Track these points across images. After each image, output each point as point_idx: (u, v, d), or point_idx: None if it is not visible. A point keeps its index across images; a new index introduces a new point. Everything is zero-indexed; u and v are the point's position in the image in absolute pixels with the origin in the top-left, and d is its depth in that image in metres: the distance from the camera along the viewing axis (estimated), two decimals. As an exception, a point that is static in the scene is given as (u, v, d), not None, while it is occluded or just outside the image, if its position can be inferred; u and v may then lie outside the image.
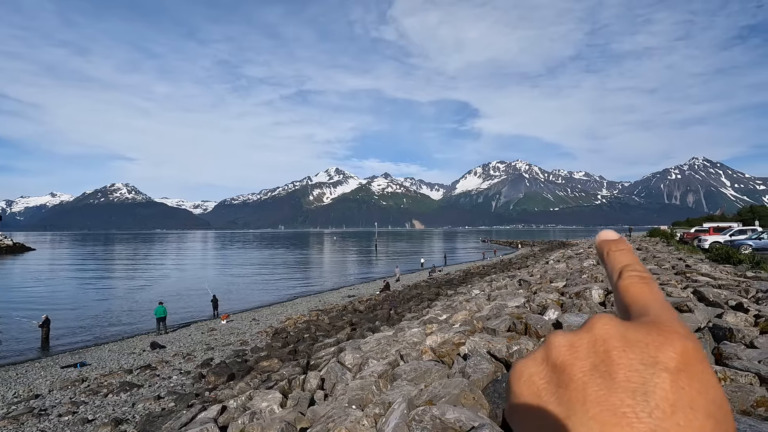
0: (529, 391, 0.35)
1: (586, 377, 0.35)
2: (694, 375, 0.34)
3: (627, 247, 0.35)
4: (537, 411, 0.35)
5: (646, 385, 0.34)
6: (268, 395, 6.56)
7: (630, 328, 0.34)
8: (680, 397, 0.34)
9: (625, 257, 0.34)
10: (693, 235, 31.76)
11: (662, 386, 0.34)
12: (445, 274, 36.36)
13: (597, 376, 0.34)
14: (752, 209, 68.25)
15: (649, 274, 0.35)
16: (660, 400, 0.34)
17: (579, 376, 0.35)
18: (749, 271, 11.64)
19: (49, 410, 10.27)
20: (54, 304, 26.18)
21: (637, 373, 0.34)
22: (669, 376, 0.34)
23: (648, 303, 0.34)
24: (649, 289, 0.34)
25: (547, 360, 0.35)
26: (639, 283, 0.34)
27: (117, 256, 79.80)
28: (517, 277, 16.79)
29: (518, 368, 0.35)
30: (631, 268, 0.34)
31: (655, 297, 0.35)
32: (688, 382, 0.34)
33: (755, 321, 5.38)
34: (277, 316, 21.85)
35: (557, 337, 0.35)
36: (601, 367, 0.34)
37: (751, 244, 20.06)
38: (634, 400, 0.34)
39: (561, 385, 0.35)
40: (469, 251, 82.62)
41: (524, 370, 0.35)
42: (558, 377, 0.35)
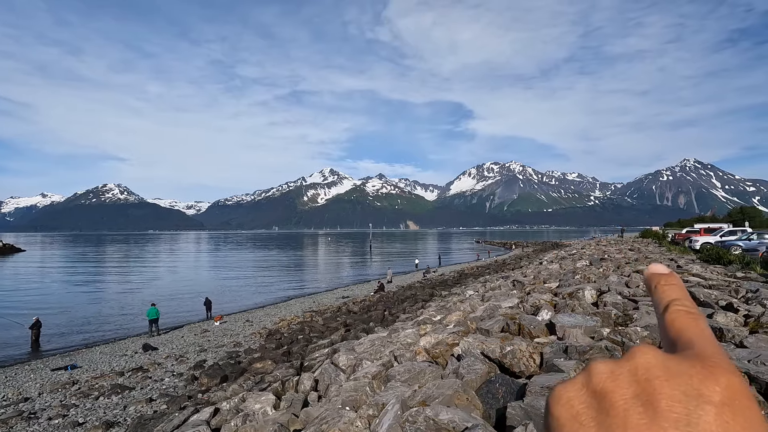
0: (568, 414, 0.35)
1: (628, 405, 0.34)
2: (739, 410, 0.34)
3: (677, 282, 0.34)
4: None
5: (689, 416, 0.34)
6: (262, 397, 6.52)
7: (672, 360, 0.34)
8: (725, 430, 0.34)
9: (674, 292, 0.34)
10: (684, 236, 32.12)
11: (706, 418, 0.34)
12: (440, 275, 36.43)
13: (638, 404, 0.34)
14: (742, 210, 69.13)
15: (697, 310, 0.35)
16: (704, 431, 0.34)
17: (620, 404, 0.34)
18: (739, 271, 11.78)
19: (38, 413, 10.14)
20: (44, 306, 25.86)
21: (681, 404, 0.34)
22: (713, 409, 0.34)
23: (693, 337, 0.34)
24: (695, 324, 0.34)
25: (588, 386, 0.35)
26: (686, 317, 0.34)
27: (108, 258, 79.02)
28: (511, 278, 16.85)
29: (558, 391, 0.35)
30: (678, 303, 0.34)
31: (701, 331, 0.34)
32: (733, 417, 0.34)
33: (745, 321, 5.44)
34: (271, 317, 21.76)
35: (598, 364, 0.35)
36: (643, 396, 0.34)
37: (741, 245, 20.30)
38: (677, 430, 0.34)
39: (601, 411, 0.35)
40: (463, 252, 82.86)
41: (564, 393, 0.35)
42: (598, 403, 0.35)
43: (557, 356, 4.54)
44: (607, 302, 7.21)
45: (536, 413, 3.14)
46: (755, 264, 13.21)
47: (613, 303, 7.11)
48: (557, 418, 0.35)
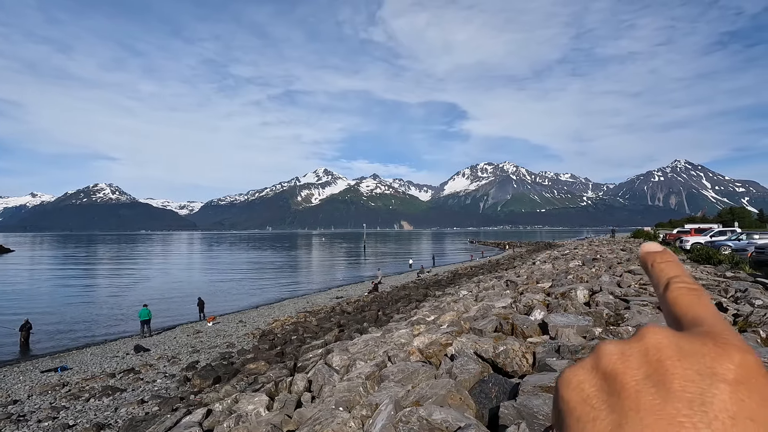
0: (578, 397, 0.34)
1: (639, 386, 0.34)
2: (755, 388, 0.33)
3: (673, 258, 0.34)
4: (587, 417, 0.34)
5: (703, 395, 0.33)
6: (255, 398, 6.49)
7: (683, 339, 0.34)
8: (741, 408, 0.33)
9: (671, 269, 0.34)
10: (675, 236, 32.48)
11: (721, 397, 0.33)
12: (434, 275, 36.51)
13: (650, 385, 0.34)
14: (732, 211, 70.07)
15: (699, 285, 0.34)
16: (719, 411, 0.33)
17: (632, 385, 0.34)
18: (728, 271, 11.93)
19: (27, 416, 10.00)
20: (34, 308, 25.52)
21: (694, 384, 0.34)
22: (728, 388, 0.33)
23: (700, 314, 0.34)
24: (699, 300, 0.34)
25: (597, 368, 0.34)
26: (688, 294, 0.34)
27: (99, 258, 78.21)
28: (505, 278, 16.93)
29: (567, 375, 0.34)
30: (678, 279, 0.34)
31: (707, 308, 0.34)
32: (748, 395, 0.33)
33: (734, 320, 5.51)
34: (265, 318, 21.66)
35: (607, 345, 0.34)
36: (655, 376, 0.34)
37: (731, 245, 20.56)
38: (691, 410, 0.34)
39: (612, 393, 0.34)
40: (457, 252, 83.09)
41: (573, 377, 0.34)
42: (609, 385, 0.34)
43: (550, 356, 4.57)
44: (599, 302, 7.26)
45: (529, 413, 3.15)
46: (744, 264, 13.40)
47: (605, 303, 7.17)
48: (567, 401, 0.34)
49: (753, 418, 0.33)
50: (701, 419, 0.34)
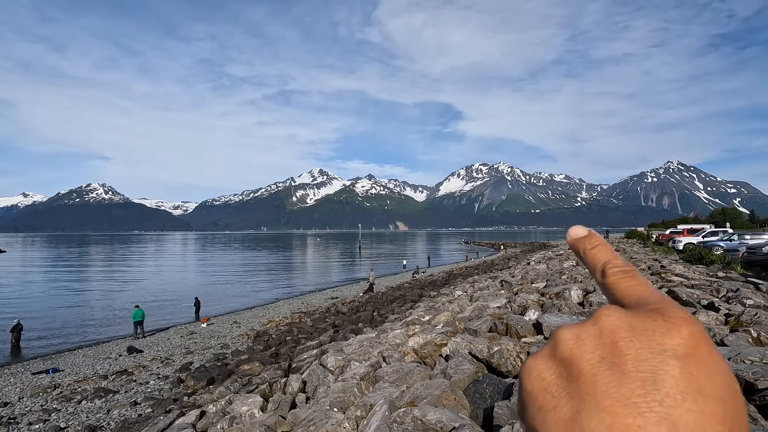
0: (539, 387, 0.34)
1: (595, 369, 0.34)
2: (702, 359, 0.34)
3: (601, 241, 0.35)
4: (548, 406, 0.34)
5: (655, 373, 0.34)
6: (249, 399, 6.46)
7: (635, 317, 0.34)
8: (690, 383, 0.34)
9: (602, 254, 0.34)
10: (668, 237, 32.71)
11: (672, 373, 0.34)
12: (429, 276, 36.54)
13: (606, 367, 0.34)
14: (723, 212, 70.77)
15: (632, 266, 0.34)
16: (670, 387, 0.34)
17: (588, 369, 0.34)
18: (720, 271, 12.04)
19: (18, 418, 9.89)
20: (25, 309, 25.25)
21: (646, 362, 0.34)
22: (678, 363, 0.34)
23: (642, 293, 0.34)
24: (638, 282, 0.34)
25: (555, 355, 0.34)
26: (625, 278, 0.34)
27: (92, 259, 77.55)
28: (499, 278, 16.98)
29: (528, 365, 0.34)
30: (611, 264, 0.34)
31: (647, 287, 0.34)
32: (697, 368, 0.34)
33: (725, 319, 5.56)
34: (259, 318, 21.58)
35: (563, 331, 0.34)
36: (610, 358, 0.34)
37: (723, 246, 20.77)
38: (644, 389, 0.34)
39: (571, 379, 0.34)
40: (452, 252, 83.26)
41: (534, 366, 0.34)
42: (567, 371, 0.34)
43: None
44: (592, 302, 7.30)
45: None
46: (736, 264, 13.53)
47: (599, 303, 7.20)
48: (529, 392, 0.34)
49: (702, 391, 0.34)
50: (654, 398, 0.34)
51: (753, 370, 3.46)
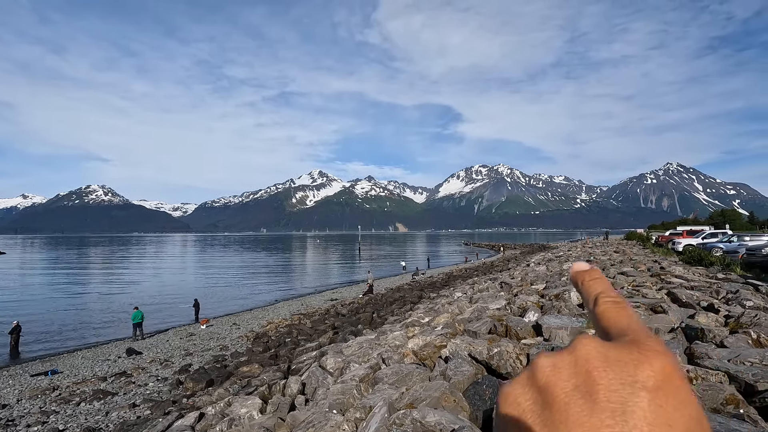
0: (514, 412, 0.35)
1: (568, 398, 0.35)
2: (671, 392, 0.35)
3: (600, 276, 0.36)
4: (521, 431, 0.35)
5: (625, 404, 0.35)
6: (248, 401, 6.44)
7: (611, 348, 0.36)
8: (658, 415, 0.35)
9: (598, 285, 0.36)
10: (667, 238, 32.73)
11: (641, 405, 0.35)
12: (428, 277, 36.51)
13: (579, 396, 0.35)
14: (723, 213, 70.80)
15: (623, 299, 0.36)
16: (638, 419, 0.35)
17: (561, 397, 0.35)
18: (720, 272, 12.04)
19: (17, 420, 9.86)
20: (24, 310, 25.20)
21: (617, 393, 0.35)
22: (647, 395, 0.35)
23: (625, 325, 0.36)
24: (625, 312, 0.36)
25: (532, 381, 0.35)
26: (614, 308, 0.36)
27: (91, 260, 77.45)
28: (499, 280, 16.97)
29: (505, 391, 0.35)
30: (605, 295, 0.36)
31: (631, 319, 0.36)
32: (666, 400, 0.35)
33: (725, 321, 5.56)
34: (258, 320, 21.55)
35: (541, 358, 0.36)
36: (583, 387, 0.35)
37: (722, 247, 20.76)
38: (613, 420, 0.35)
39: (545, 406, 0.35)
40: (451, 254, 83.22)
41: (510, 392, 0.35)
42: (543, 398, 0.35)
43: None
44: (592, 303, 7.29)
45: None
46: (735, 266, 13.53)
47: (599, 304, 7.19)
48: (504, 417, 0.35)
49: (670, 424, 0.35)
50: (622, 429, 0.35)
51: (753, 372, 3.45)
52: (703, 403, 3.07)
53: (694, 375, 3.50)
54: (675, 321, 5.58)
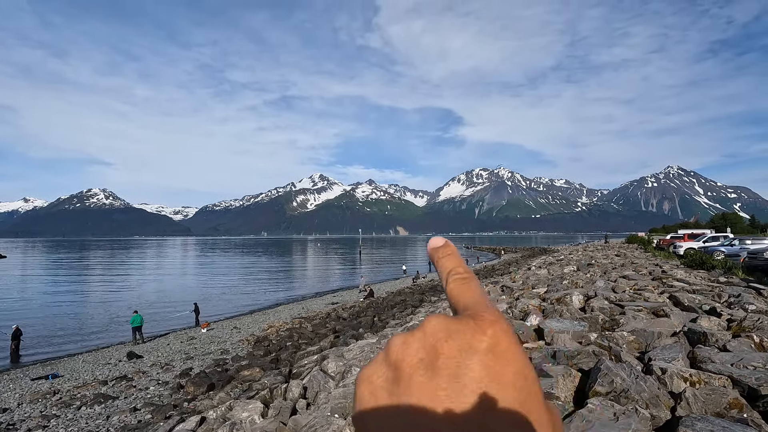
0: (368, 390, 0.39)
1: (412, 369, 0.39)
2: (500, 353, 0.39)
3: (452, 251, 0.39)
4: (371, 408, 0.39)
5: (459, 368, 0.39)
6: (249, 405, 6.43)
7: (453, 322, 0.39)
8: (487, 374, 0.39)
9: (450, 262, 0.39)
10: (669, 242, 32.66)
11: (472, 367, 0.39)
12: (429, 281, 36.46)
13: (422, 367, 0.39)
14: (724, 216, 70.63)
15: (470, 274, 0.39)
16: (469, 380, 0.39)
17: (407, 370, 0.39)
18: (722, 276, 12.02)
19: (17, 424, 9.84)
20: (25, 314, 25.20)
21: (453, 360, 0.39)
22: (478, 358, 0.39)
23: (468, 300, 0.39)
24: (468, 288, 0.39)
25: (386, 360, 0.39)
26: (460, 284, 0.39)
27: (92, 264, 77.49)
28: (500, 284, 16.94)
29: (361, 372, 0.39)
30: (454, 272, 0.39)
31: (473, 293, 0.39)
32: (495, 361, 0.39)
33: (728, 325, 5.55)
34: (259, 324, 21.51)
35: (395, 338, 0.39)
36: (427, 359, 0.39)
37: (724, 251, 20.72)
38: (448, 383, 0.39)
39: (394, 381, 0.39)
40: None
41: (365, 371, 0.39)
42: (393, 374, 0.39)
43: (545, 361, 4.57)
44: (594, 307, 7.28)
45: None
46: (737, 269, 13.51)
47: (600, 308, 7.19)
48: (359, 397, 0.38)
49: (498, 380, 0.39)
50: (454, 389, 0.39)
51: (756, 376, 3.44)
52: (707, 407, 3.07)
53: (697, 379, 3.49)
54: (677, 325, 5.57)
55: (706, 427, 2.64)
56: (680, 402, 3.19)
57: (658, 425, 3.00)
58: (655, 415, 3.06)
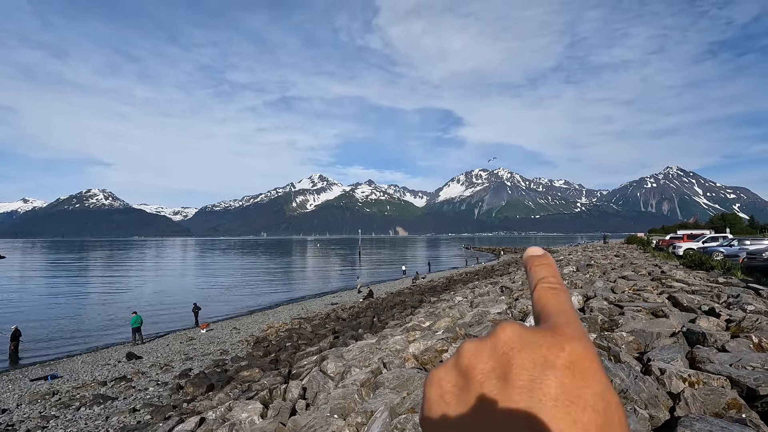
0: (436, 394, 0.38)
1: (484, 378, 0.38)
2: (579, 372, 0.38)
3: (548, 261, 0.38)
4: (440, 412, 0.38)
5: (533, 382, 0.38)
6: (249, 406, 6.43)
7: (528, 333, 0.38)
8: (563, 392, 0.38)
9: (544, 270, 0.38)
10: (668, 242, 32.66)
11: (547, 383, 0.38)
12: (429, 281, 36.46)
13: (494, 376, 0.38)
14: (723, 217, 70.66)
15: (563, 286, 0.38)
16: (543, 395, 0.38)
17: (478, 378, 0.38)
18: (721, 276, 12.03)
19: (16, 425, 9.83)
20: (24, 315, 25.18)
21: (527, 372, 0.38)
22: (554, 374, 0.38)
23: (551, 310, 0.38)
24: (555, 298, 0.38)
25: (456, 365, 0.38)
26: (547, 293, 0.38)
27: (91, 265, 77.43)
28: (500, 284, 16.95)
29: (431, 374, 0.38)
30: (546, 280, 0.38)
31: (559, 304, 0.38)
32: (572, 379, 0.38)
33: (726, 325, 5.55)
34: (259, 324, 21.50)
35: (466, 343, 0.38)
36: (499, 368, 0.38)
37: (723, 251, 20.74)
38: (520, 396, 0.38)
39: (464, 387, 0.38)
40: (452, 258, 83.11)
41: (435, 375, 0.38)
42: (463, 380, 0.38)
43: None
44: (593, 308, 7.29)
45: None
46: (736, 270, 13.53)
47: (599, 308, 7.19)
48: (427, 399, 0.38)
49: (572, 400, 0.38)
50: (527, 404, 0.38)
51: (755, 377, 3.45)
52: (705, 407, 3.07)
53: (696, 379, 3.50)
54: (676, 325, 5.57)
55: (705, 428, 2.65)
56: (679, 402, 3.20)
57: (656, 425, 3.01)
58: (653, 415, 3.06)
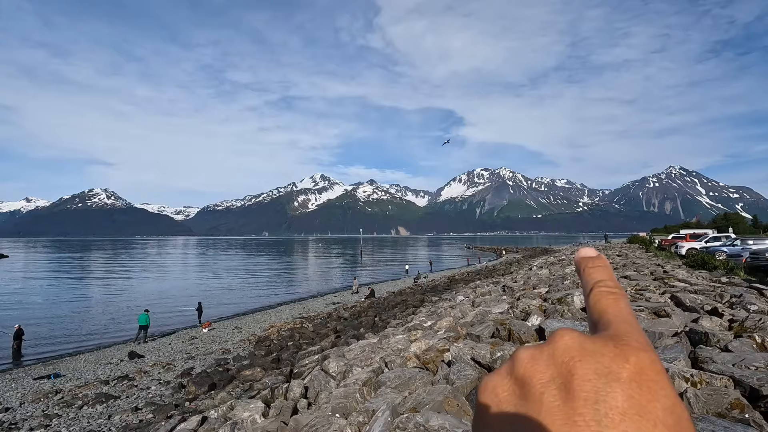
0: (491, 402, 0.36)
1: (544, 388, 0.36)
2: (645, 384, 0.36)
3: (603, 263, 0.36)
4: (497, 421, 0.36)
5: (598, 393, 0.36)
6: (250, 405, 6.44)
7: (589, 341, 0.36)
8: (630, 405, 0.36)
9: (599, 273, 0.35)
10: (670, 242, 32.57)
11: (613, 395, 0.36)
12: (431, 281, 36.45)
13: (554, 386, 0.36)
14: (726, 217, 70.43)
15: (621, 290, 0.36)
16: (610, 408, 0.36)
17: (537, 387, 0.36)
18: (724, 276, 12.00)
19: (19, 424, 9.87)
20: (27, 314, 25.27)
21: (591, 383, 0.36)
22: (620, 386, 0.36)
23: (611, 317, 0.36)
24: (615, 304, 0.35)
25: (512, 373, 0.36)
26: (606, 298, 0.36)
27: (94, 264, 77.66)
28: (501, 284, 16.94)
29: (485, 381, 0.36)
30: (602, 284, 0.35)
31: (620, 311, 0.36)
32: (639, 392, 0.36)
33: (729, 325, 5.53)
34: (260, 323, 21.54)
35: (522, 351, 0.36)
36: (559, 378, 0.36)
37: (726, 251, 20.65)
38: (585, 408, 0.36)
39: (521, 396, 0.36)
40: (453, 258, 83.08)
41: (490, 382, 0.36)
42: (520, 389, 0.36)
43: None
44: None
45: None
46: (739, 269, 13.48)
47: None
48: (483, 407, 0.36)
49: (641, 414, 0.36)
50: (593, 417, 0.36)
51: (758, 377, 3.44)
52: (708, 407, 3.06)
53: (699, 379, 3.49)
54: (679, 325, 5.56)
55: (708, 428, 2.64)
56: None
57: (659, 425, 3.00)
58: (656, 415, 3.05)
